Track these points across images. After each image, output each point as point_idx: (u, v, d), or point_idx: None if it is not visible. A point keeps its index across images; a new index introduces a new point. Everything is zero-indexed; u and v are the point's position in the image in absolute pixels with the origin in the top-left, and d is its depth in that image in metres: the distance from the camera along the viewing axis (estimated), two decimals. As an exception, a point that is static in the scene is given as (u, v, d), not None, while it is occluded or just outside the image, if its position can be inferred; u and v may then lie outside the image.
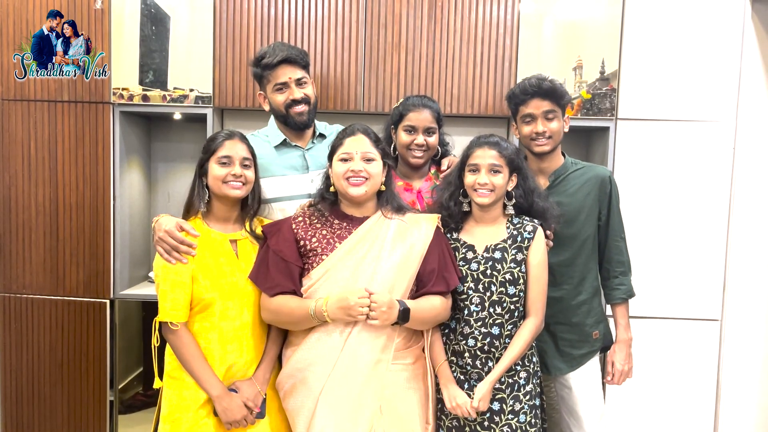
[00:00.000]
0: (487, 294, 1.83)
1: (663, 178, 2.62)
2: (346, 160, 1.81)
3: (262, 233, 1.89)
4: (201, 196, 1.87)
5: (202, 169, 1.87)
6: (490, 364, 1.82)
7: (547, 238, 1.94)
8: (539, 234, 1.88)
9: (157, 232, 1.79)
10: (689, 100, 2.60)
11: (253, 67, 2.17)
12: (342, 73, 2.65)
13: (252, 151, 1.91)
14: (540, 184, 2.02)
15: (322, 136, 2.23)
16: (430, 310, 1.79)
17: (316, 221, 1.87)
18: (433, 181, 2.19)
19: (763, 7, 2.61)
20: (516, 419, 1.82)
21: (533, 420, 1.85)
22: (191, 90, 2.64)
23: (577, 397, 2.10)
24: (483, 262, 1.85)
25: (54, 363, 2.72)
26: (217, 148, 1.85)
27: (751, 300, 2.68)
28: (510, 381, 1.84)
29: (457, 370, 1.86)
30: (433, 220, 1.88)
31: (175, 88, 2.64)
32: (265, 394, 1.86)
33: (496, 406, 1.82)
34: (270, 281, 1.79)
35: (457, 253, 1.89)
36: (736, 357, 2.68)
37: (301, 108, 2.11)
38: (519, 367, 1.86)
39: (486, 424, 1.82)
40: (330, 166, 1.87)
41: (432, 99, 2.22)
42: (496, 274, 1.84)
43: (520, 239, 1.87)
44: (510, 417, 1.82)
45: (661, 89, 2.60)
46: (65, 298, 2.70)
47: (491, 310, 1.83)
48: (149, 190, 2.99)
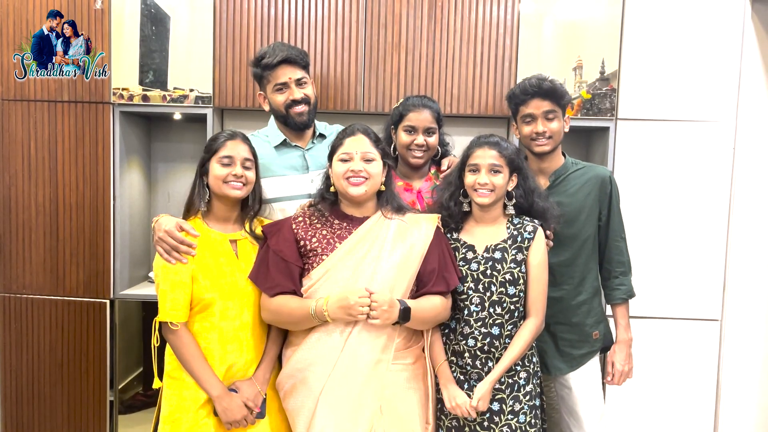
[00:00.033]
0: (487, 294, 1.83)
1: (663, 178, 2.62)
2: (346, 160, 1.81)
3: (262, 233, 1.89)
4: (201, 195, 1.87)
5: (203, 168, 1.88)
6: (490, 364, 1.82)
7: (547, 238, 1.94)
8: (539, 234, 1.88)
9: (156, 232, 1.80)
10: (689, 100, 2.60)
11: (252, 67, 2.17)
12: (342, 73, 2.64)
13: (254, 152, 1.91)
14: (540, 184, 2.02)
15: (322, 136, 2.23)
16: (430, 309, 1.79)
17: (316, 221, 1.87)
18: (433, 181, 2.19)
19: (763, 7, 2.61)
20: (516, 419, 1.82)
21: (533, 420, 1.85)
22: (191, 90, 2.64)
23: (577, 397, 2.10)
24: (483, 262, 1.85)
25: (54, 363, 2.72)
26: (219, 147, 1.85)
27: (751, 300, 2.68)
28: (510, 381, 1.84)
29: (457, 370, 1.86)
30: (433, 220, 1.88)
31: (175, 88, 2.64)
32: (265, 394, 1.86)
33: (495, 407, 1.82)
34: (270, 281, 1.79)
35: (457, 253, 1.89)
36: (736, 357, 2.68)
37: (301, 108, 2.11)
38: (519, 368, 1.86)
39: (486, 424, 1.82)
40: (330, 166, 1.87)
41: (432, 99, 2.22)
42: (496, 274, 1.84)
43: (520, 239, 1.87)
44: (510, 417, 1.82)
45: (661, 89, 2.60)
46: (65, 298, 2.70)
47: (491, 310, 1.83)
48: (149, 190, 2.99)
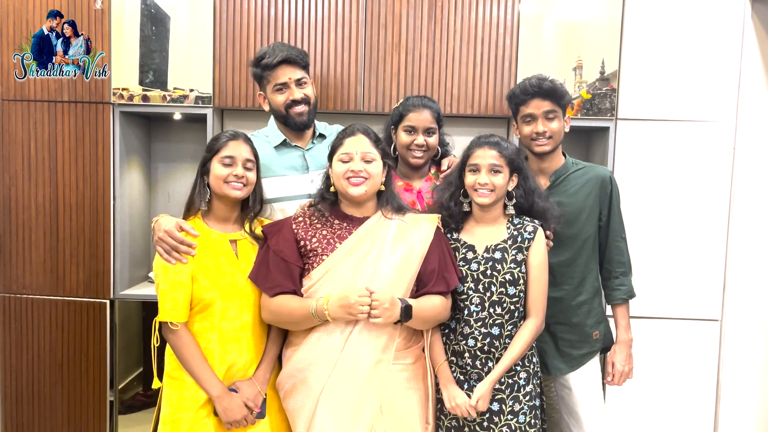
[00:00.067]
0: (487, 294, 1.83)
1: (663, 178, 2.62)
2: (346, 160, 1.81)
3: (262, 233, 1.88)
4: (202, 194, 1.87)
5: (204, 168, 1.88)
6: (490, 364, 1.82)
7: (547, 238, 1.94)
8: (539, 234, 1.88)
9: (156, 232, 1.79)
10: (689, 100, 2.60)
11: (252, 67, 2.17)
12: (342, 73, 2.64)
13: (255, 154, 1.91)
14: (540, 184, 2.02)
15: (322, 136, 2.23)
16: (431, 309, 1.79)
17: (316, 221, 1.87)
18: (433, 182, 2.19)
19: (763, 7, 2.61)
20: (515, 420, 1.82)
21: (533, 420, 1.85)
22: (191, 90, 2.64)
23: (577, 397, 2.09)
24: (483, 262, 1.85)
25: (54, 363, 2.72)
26: (220, 147, 1.85)
27: (751, 300, 2.68)
28: (510, 381, 1.84)
29: (456, 371, 1.86)
30: (433, 220, 1.88)
31: (175, 89, 2.64)
32: (265, 394, 1.85)
33: (495, 407, 1.82)
34: (270, 281, 1.79)
35: (457, 253, 1.89)
36: (736, 357, 2.68)
37: (301, 108, 2.11)
38: (519, 368, 1.86)
39: (485, 424, 1.82)
40: (330, 166, 1.87)
41: (432, 99, 2.22)
42: (496, 274, 1.84)
43: (520, 239, 1.87)
44: (509, 417, 1.82)
45: (661, 89, 2.60)
46: (65, 298, 2.70)
47: (491, 311, 1.83)
48: (149, 190, 2.99)
